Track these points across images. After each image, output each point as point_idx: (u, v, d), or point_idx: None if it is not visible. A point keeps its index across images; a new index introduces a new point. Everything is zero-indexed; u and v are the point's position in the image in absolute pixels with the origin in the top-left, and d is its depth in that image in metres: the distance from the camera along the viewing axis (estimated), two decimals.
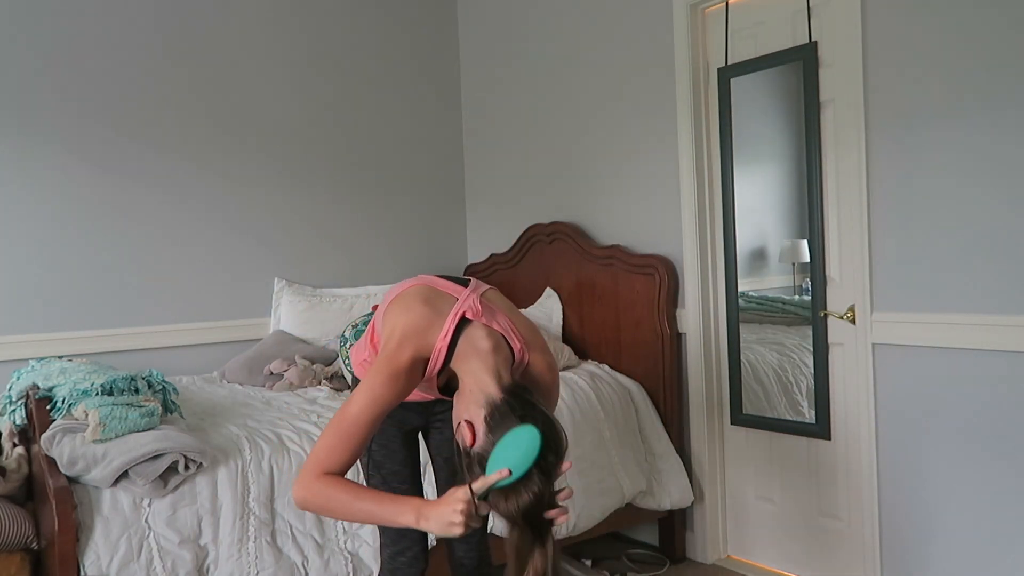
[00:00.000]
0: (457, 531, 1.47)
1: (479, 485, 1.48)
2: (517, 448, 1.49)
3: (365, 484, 2.09)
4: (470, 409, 1.61)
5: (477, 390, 1.62)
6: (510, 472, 1.47)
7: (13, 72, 3.22)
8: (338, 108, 4.01)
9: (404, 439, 2.07)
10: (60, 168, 3.31)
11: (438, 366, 1.71)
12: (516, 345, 1.77)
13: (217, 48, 3.68)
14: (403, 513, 1.52)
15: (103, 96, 3.41)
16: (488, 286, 1.89)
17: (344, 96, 4.02)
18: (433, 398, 1.91)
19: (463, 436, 1.58)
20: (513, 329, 1.77)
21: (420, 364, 1.69)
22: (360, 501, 1.53)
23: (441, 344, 1.69)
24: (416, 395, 1.95)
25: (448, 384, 1.79)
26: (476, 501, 1.48)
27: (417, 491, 2.10)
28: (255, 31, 3.78)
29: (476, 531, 2.08)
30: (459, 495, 1.48)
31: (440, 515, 1.48)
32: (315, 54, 3.94)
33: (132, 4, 3.47)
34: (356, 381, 2.06)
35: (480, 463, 1.53)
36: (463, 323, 1.72)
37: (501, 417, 1.54)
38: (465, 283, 1.86)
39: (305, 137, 3.91)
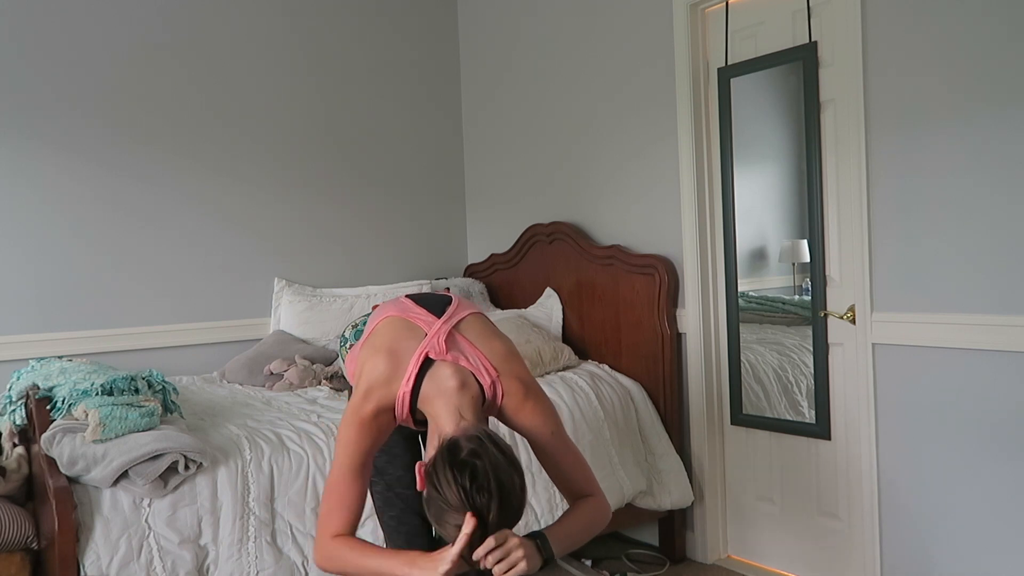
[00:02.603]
0: None
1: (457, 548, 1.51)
2: None
3: (368, 492, 2.08)
4: (428, 452, 1.61)
5: (435, 435, 1.62)
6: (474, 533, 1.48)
7: (12, 72, 3.22)
8: (338, 108, 4.01)
9: (406, 444, 2.06)
10: (60, 168, 3.31)
11: (405, 410, 1.70)
12: (485, 381, 1.71)
13: (218, 49, 3.68)
14: (399, 565, 1.58)
15: (103, 96, 3.41)
16: (469, 311, 1.81)
17: (345, 96, 4.02)
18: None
19: (419, 481, 1.58)
20: (483, 362, 1.72)
21: (386, 412, 1.69)
22: (366, 560, 1.62)
23: (404, 389, 1.68)
24: None
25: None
26: (459, 558, 1.50)
27: (421, 495, 2.09)
28: (255, 31, 3.77)
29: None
30: (446, 555, 1.51)
31: (425, 570, 1.53)
32: (315, 54, 3.94)
33: (135, 4, 3.47)
34: (351, 388, 2.05)
35: (426, 506, 1.54)
36: (427, 363, 1.69)
37: (431, 468, 1.52)
38: (443, 307, 1.79)
39: (305, 137, 3.91)
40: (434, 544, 2.06)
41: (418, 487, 1.55)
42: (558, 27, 3.75)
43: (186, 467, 2.21)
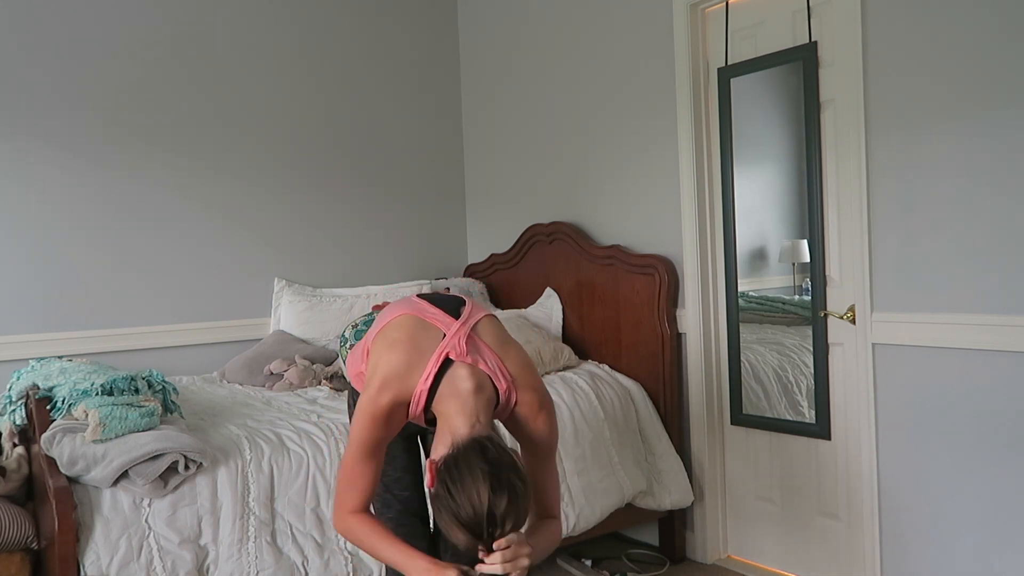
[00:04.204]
0: None
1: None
2: None
3: None
4: (437, 450, 1.62)
5: (448, 433, 1.62)
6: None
7: (12, 71, 3.22)
8: (339, 108, 4.01)
9: (405, 444, 2.06)
10: (60, 168, 3.31)
11: (420, 407, 1.70)
12: (501, 386, 1.72)
13: (218, 49, 3.68)
14: (410, 570, 1.63)
15: (104, 95, 3.40)
16: (484, 313, 1.81)
17: (345, 96, 4.02)
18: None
19: (428, 477, 1.58)
20: (500, 368, 1.73)
21: (401, 407, 1.70)
22: (381, 547, 1.68)
23: (422, 387, 1.68)
24: None
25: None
26: None
27: (420, 496, 2.09)
28: (256, 30, 3.77)
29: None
30: (451, 572, 1.55)
31: None
32: (316, 54, 3.94)
33: (135, 3, 3.47)
34: (353, 390, 2.06)
35: (432, 505, 1.55)
36: (446, 363, 1.69)
37: (452, 463, 1.53)
38: (457, 308, 1.80)
39: (306, 137, 3.91)
40: (433, 545, 2.06)
41: (427, 484, 1.56)
42: (558, 27, 3.75)
43: (186, 467, 2.21)
